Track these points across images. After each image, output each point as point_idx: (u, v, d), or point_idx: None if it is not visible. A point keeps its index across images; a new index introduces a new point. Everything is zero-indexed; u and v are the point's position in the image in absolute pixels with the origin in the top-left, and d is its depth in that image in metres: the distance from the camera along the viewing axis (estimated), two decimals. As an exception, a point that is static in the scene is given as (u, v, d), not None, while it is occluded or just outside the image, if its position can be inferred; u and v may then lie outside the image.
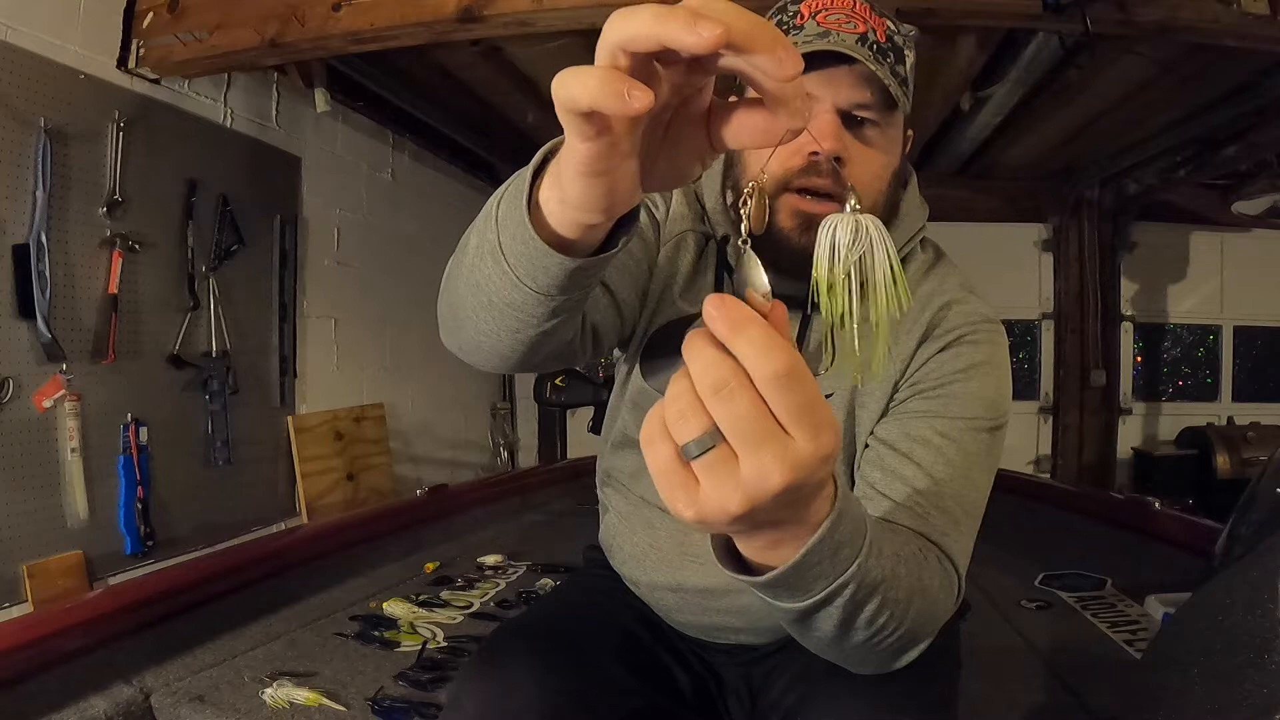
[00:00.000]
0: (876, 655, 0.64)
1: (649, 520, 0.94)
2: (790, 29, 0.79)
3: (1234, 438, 3.96)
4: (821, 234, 0.44)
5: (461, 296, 0.63)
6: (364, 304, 3.41)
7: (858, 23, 0.76)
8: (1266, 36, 1.95)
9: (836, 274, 0.42)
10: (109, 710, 1.10)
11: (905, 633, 0.62)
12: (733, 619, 0.90)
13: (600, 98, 0.35)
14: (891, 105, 0.79)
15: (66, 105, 2.06)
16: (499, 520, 2.34)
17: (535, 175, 0.51)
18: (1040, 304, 4.46)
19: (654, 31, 0.33)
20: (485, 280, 0.58)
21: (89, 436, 2.13)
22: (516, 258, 0.54)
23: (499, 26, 2.12)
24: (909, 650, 0.66)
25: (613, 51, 0.35)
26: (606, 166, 0.40)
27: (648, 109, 0.34)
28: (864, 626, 0.58)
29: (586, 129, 0.37)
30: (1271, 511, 0.76)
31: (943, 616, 0.68)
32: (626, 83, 0.34)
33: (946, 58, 2.69)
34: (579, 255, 0.52)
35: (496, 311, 0.60)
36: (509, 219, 0.53)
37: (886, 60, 0.77)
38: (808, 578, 0.51)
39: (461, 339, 0.67)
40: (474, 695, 0.74)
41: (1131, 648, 1.39)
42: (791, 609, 0.55)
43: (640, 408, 0.92)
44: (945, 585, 0.69)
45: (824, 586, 0.53)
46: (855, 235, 0.42)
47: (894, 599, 0.59)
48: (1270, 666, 0.48)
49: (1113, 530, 2.04)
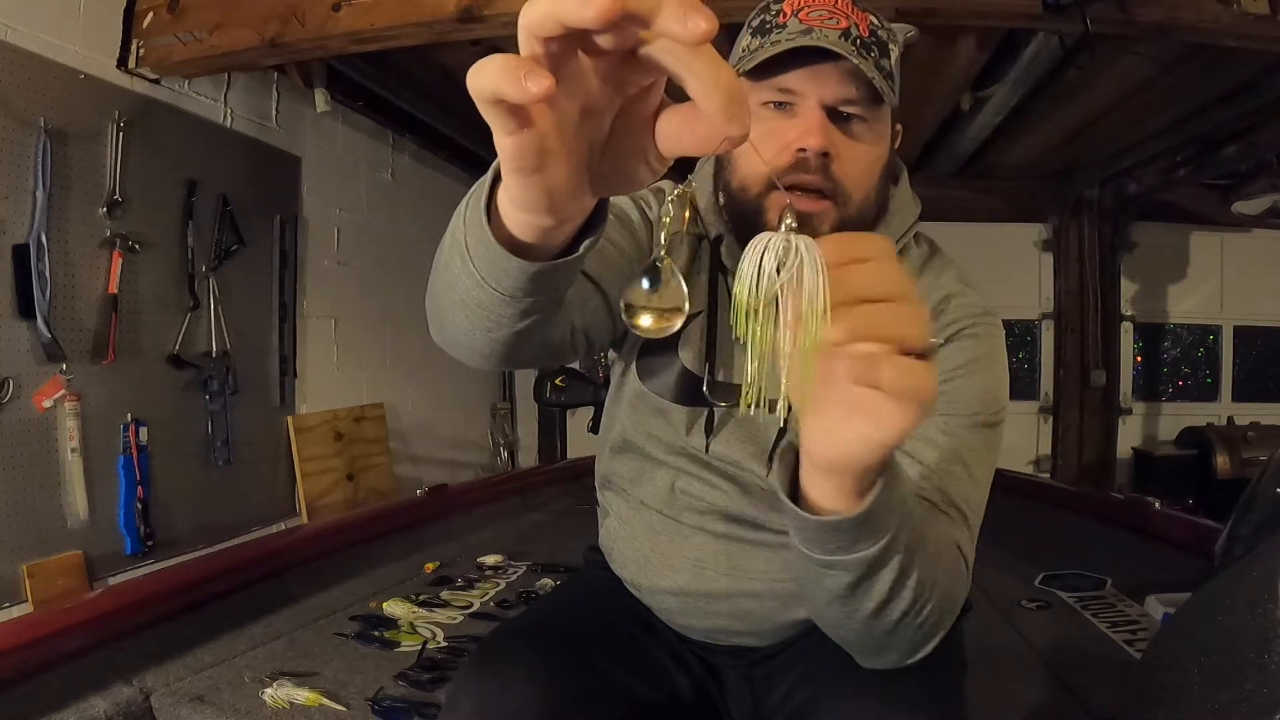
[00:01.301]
0: (907, 636, 0.64)
1: (650, 525, 0.93)
2: (773, 28, 0.78)
3: (1234, 438, 3.96)
4: (746, 254, 0.42)
5: (439, 294, 0.63)
6: (364, 304, 3.41)
7: (840, 18, 0.76)
8: (1266, 36, 1.95)
9: (756, 300, 0.40)
10: (109, 710, 1.10)
11: (934, 609, 0.63)
12: (736, 622, 0.89)
13: (500, 83, 0.34)
14: (878, 100, 0.78)
15: (66, 105, 2.06)
16: (499, 520, 2.34)
17: (496, 177, 0.49)
18: (1040, 304, 4.46)
19: (552, 11, 0.33)
20: (455, 279, 0.58)
21: (89, 436, 2.14)
22: (480, 259, 0.53)
23: (499, 26, 2.12)
24: (932, 636, 0.67)
25: (525, 39, 0.35)
26: (535, 163, 0.40)
27: (546, 94, 0.34)
28: (907, 594, 0.60)
29: (506, 122, 0.37)
30: (1271, 511, 0.76)
31: (960, 602, 0.69)
32: (525, 67, 0.34)
33: (946, 58, 2.69)
34: (539, 259, 0.51)
35: (469, 311, 0.59)
36: (472, 220, 0.53)
37: (871, 55, 0.76)
38: (881, 517, 0.54)
39: (444, 335, 0.67)
40: (471, 695, 0.74)
41: (1131, 648, 1.38)
42: (857, 561, 0.56)
43: (639, 410, 0.92)
44: (963, 573, 0.70)
45: (891, 527, 0.55)
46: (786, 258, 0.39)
47: (931, 569, 0.61)
48: (1270, 666, 0.48)
49: (1113, 530, 2.04)
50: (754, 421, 0.87)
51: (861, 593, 0.59)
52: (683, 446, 0.89)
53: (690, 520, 0.90)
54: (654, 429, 0.91)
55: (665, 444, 0.90)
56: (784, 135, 0.77)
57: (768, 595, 0.87)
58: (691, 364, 0.89)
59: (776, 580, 0.87)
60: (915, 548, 0.59)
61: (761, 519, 0.88)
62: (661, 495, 0.91)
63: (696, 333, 0.89)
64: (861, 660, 0.71)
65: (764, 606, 0.88)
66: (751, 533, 0.88)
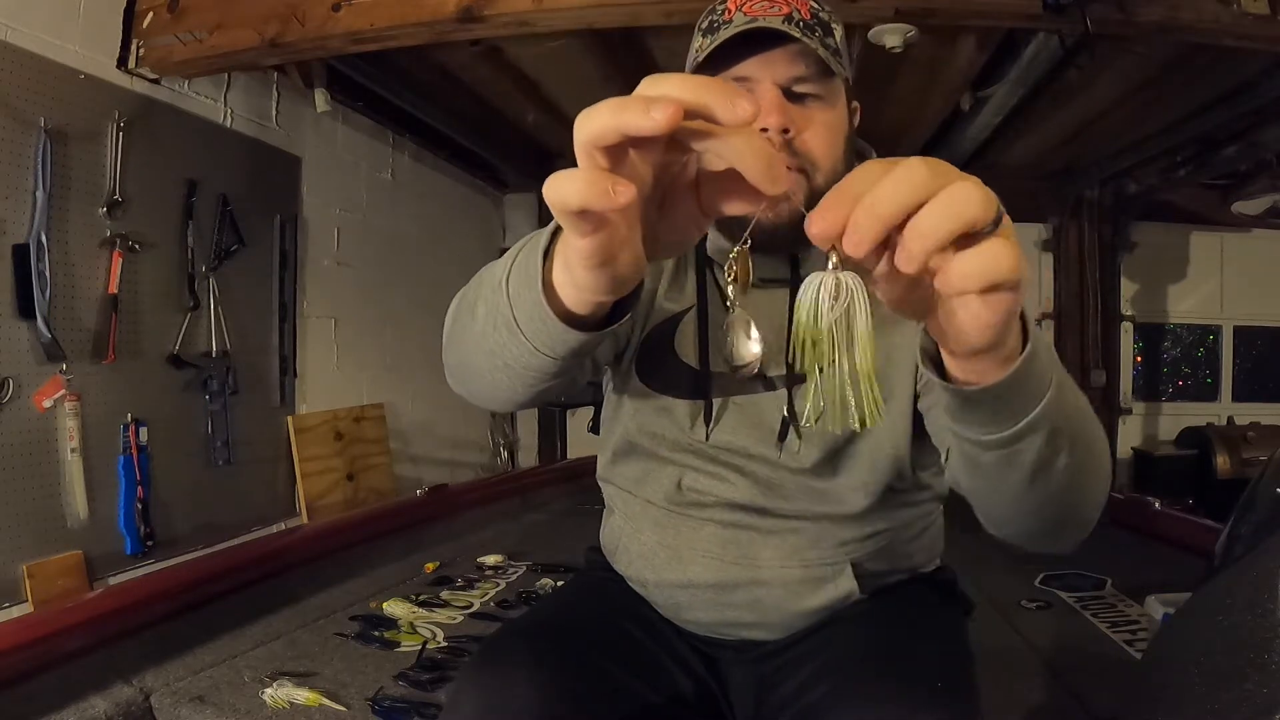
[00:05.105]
0: (1068, 500, 0.63)
1: (657, 520, 0.94)
2: (721, 25, 0.83)
3: (1234, 438, 3.96)
4: (803, 291, 0.44)
5: (474, 359, 0.67)
6: (364, 304, 3.41)
7: (780, 5, 0.81)
8: (1266, 36, 1.95)
9: (820, 330, 0.43)
10: (109, 710, 1.10)
11: (1092, 471, 0.62)
12: (745, 613, 0.90)
13: (589, 198, 0.38)
14: (828, 74, 0.82)
15: (66, 105, 2.06)
16: (499, 520, 2.34)
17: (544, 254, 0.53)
18: (1040, 304, 4.46)
19: (614, 124, 0.36)
20: (501, 348, 0.61)
21: (89, 436, 2.13)
22: (534, 333, 0.56)
23: (499, 26, 2.12)
24: (1085, 511, 0.66)
25: (587, 151, 0.38)
26: (608, 256, 0.43)
27: (632, 199, 0.38)
28: (1065, 452, 0.58)
29: (584, 226, 0.41)
30: (1271, 511, 0.76)
31: (1105, 490, 0.68)
32: (609, 179, 0.37)
33: (946, 58, 2.69)
34: (594, 324, 0.54)
35: (514, 373, 0.63)
36: (522, 298, 0.56)
37: (815, 34, 0.81)
38: (1036, 372, 0.51)
39: (472, 389, 0.73)
40: (472, 697, 0.74)
41: (1131, 648, 1.38)
42: (1043, 413, 0.53)
43: (642, 411, 0.93)
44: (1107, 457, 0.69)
45: (1047, 380, 0.53)
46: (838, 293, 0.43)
47: (1084, 427, 0.60)
48: (1270, 666, 0.48)
49: (1113, 530, 2.04)
50: (757, 406, 0.89)
51: (1023, 448, 0.56)
52: (689, 442, 0.91)
53: (698, 514, 0.92)
54: (659, 428, 0.92)
55: (670, 441, 0.92)
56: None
57: (777, 583, 0.89)
58: (689, 358, 0.91)
59: (785, 567, 0.89)
60: (1074, 398, 0.58)
61: (770, 506, 0.90)
62: (668, 493, 0.93)
63: (690, 327, 0.91)
64: (1043, 543, 0.70)
65: (773, 595, 0.89)
66: (759, 520, 0.90)
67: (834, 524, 0.90)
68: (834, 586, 0.90)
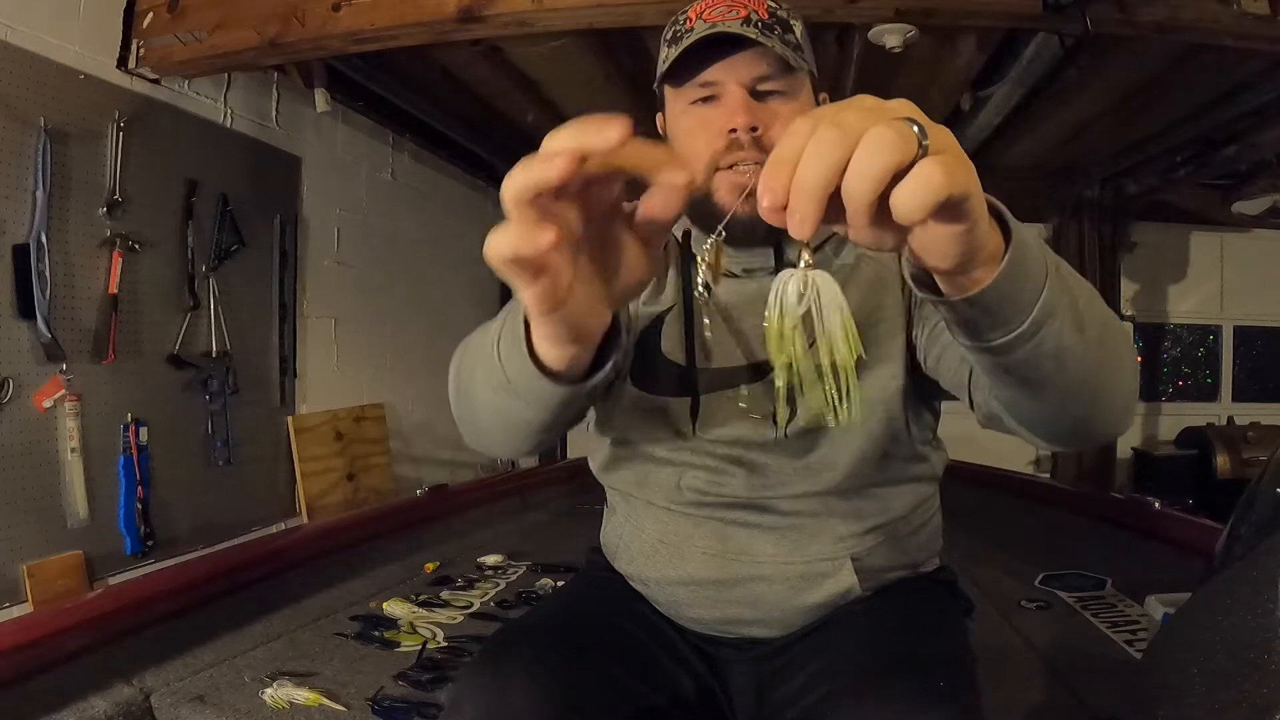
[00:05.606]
0: (1102, 376, 0.61)
1: (658, 519, 0.95)
2: (684, 34, 0.85)
3: (1234, 438, 3.97)
4: (773, 290, 0.45)
5: (480, 418, 0.72)
6: (364, 304, 3.41)
7: (739, 9, 0.84)
8: (1266, 36, 1.95)
9: (785, 324, 0.45)
10: (109, 710, 1.10)
11: (1114, 342, 0.61)
12: (747, 609, 0.91)
13: (517, 245, 0.42)
14: (790, 69, 0.84)
15: (66, 105, 2.06)
16: (499, 520, 2.34)
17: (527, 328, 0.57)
18: (1040, 304, 4.46)
19: (526, 182, 0.41)
20: (509, 411, 0.66)
21: (89, 436, 2.14)
22: (526, 390, 0.60)
23: (499, 26, 2.12)
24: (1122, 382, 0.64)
25: (514, 207, 0.42)
26: (555, 301, 0.46)
27: (554, 239, 0.42)
28: (1085, 326, 0.57)
29: (523, 274, 0.44)
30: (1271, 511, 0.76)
31: (1134, 366, 0.67)
32: (529, 225, 0.42)
33: (946, 58, 2.70)
34: (582, 376, 0.58)
35: (517, 428, 0.69)
36: (511, 358, 0.60)
37: (774, 33, 0.83)
38: (1030, 258, 0.51)
39: (484, 443, 0.77)
40: (473, 698, 0.74)
41: (1131, 648, 1.39)
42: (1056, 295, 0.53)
43: (637, 414, 0.93)
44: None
45: (1043, 264, 0.53)
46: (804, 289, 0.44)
47: (1094, 302, 0.59)
48: (1270, 666, 0.48)
49: (1113, 530, 2.04)
50: (747, 395, 0.90)
51: (1049, 330, 0.55)
52: (685, 440, 0.92)
53: (698, 512, 0.93)
54: (656, 429, 0.93)
55: (668, 442, 0.93)
56: (713, 122, 0.85)
57: (777, 579, 0.89)
58: (676, 356, 0.92)
59: (786, 562, 0.89)
60: (1079, 281, 0.59)
61: (769, 502, 0.90)
62: (668, 493, 0.94)
63: (675, 325, 0.92)
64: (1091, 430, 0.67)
65: (774, 591, 0.90)
66: (760, 517, 0.91)
67: (833, 516, 0.90)
68: (834, 582, 0.90)
